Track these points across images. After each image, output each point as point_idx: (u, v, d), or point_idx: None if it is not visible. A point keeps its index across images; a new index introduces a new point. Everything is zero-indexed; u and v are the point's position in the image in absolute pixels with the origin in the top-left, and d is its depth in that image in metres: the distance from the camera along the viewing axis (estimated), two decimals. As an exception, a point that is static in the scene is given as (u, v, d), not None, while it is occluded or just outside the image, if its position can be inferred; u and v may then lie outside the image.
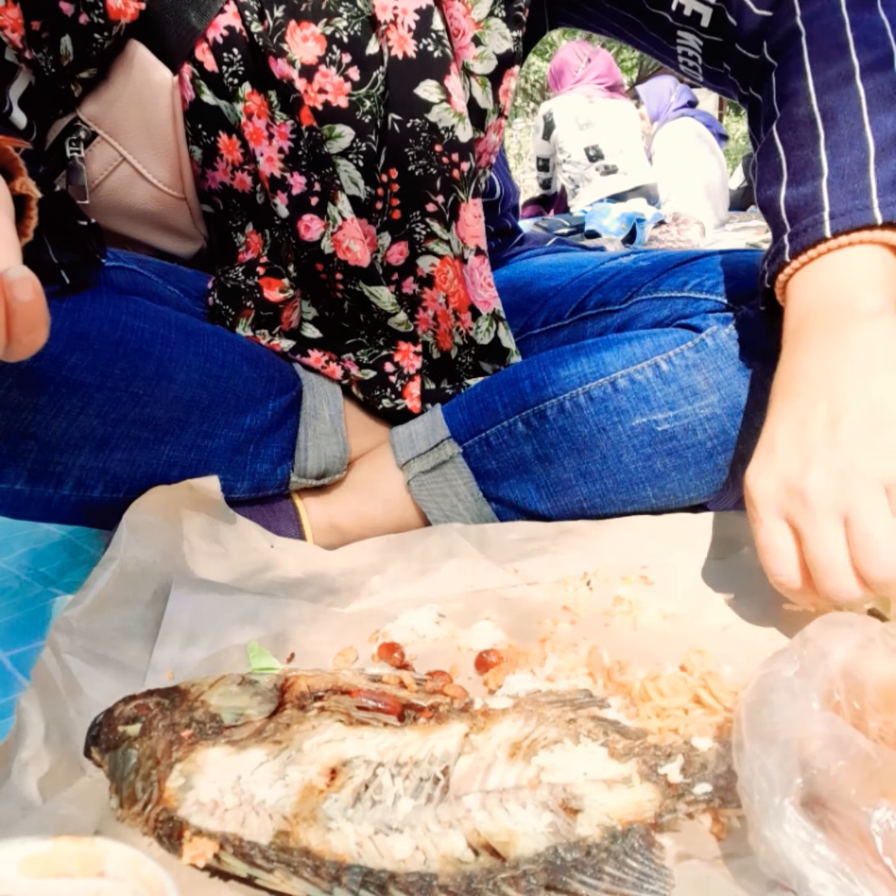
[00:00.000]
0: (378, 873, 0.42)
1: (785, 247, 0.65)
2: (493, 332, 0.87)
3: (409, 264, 0.86)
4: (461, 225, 0.84)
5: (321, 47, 0.76)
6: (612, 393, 0.78)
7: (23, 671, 0.72)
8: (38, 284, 0.40)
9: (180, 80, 0.76)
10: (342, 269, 0.82)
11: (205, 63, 0.75)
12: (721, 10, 0.76)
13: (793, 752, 0.40)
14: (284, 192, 0.79)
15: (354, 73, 0.77)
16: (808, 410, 0.59)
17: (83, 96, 0.76)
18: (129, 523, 0.69)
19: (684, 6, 0.77)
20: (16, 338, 0.41)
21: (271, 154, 0.77)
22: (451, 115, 0.79)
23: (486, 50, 0.81)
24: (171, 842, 0.44)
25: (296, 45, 0.75)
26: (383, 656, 0.62)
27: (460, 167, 0.81)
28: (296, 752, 0.47)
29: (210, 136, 0.78)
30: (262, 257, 0.84)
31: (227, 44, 0.75)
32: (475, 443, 0.82)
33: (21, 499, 0.72)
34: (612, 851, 0.43)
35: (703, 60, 0.82)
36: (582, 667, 0.59)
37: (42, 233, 0.55)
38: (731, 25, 0.76)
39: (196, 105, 0.77)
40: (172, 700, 0.52)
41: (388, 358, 0.88)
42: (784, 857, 0.38)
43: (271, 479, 0.82)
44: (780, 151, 0.68)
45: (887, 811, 0.37)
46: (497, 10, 0.80)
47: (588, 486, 0.80)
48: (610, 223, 3.96)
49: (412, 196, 0.82)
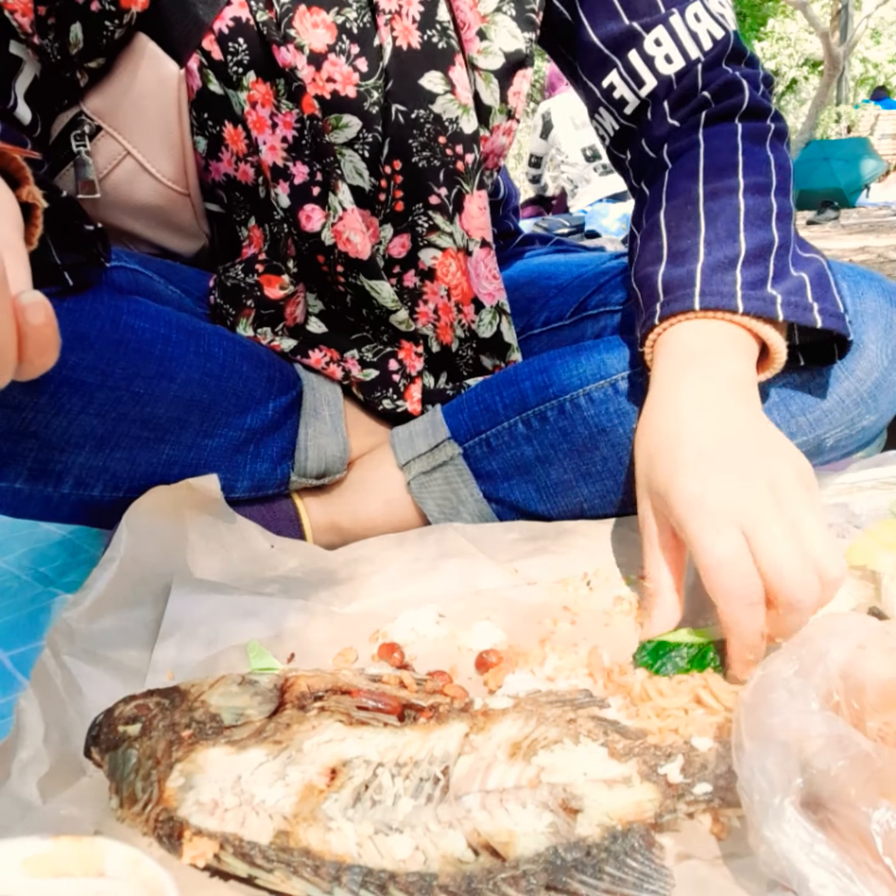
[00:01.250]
0: (378, 873, 0.42)
1: (655, 312, 0.70)
2: (495, 325, 0.87)
3: (410, 257, 0.85)
4: (466, 216, 0.84)
5: (332, 35, 0.76)
6: (612, 394, 0.78)
7: (23, 671, 0.72)
8: (50, 308, 0.41)
9: (187, 70, 0.75)
10: (343, 261, 0.81)
11: (212, 52, 0.75)
12: (645, 105, 0.83)
13: (792, 752, 0.40)
14: (287, 182, 0.79)
15: (363, 63, 0.77)
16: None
17: (87, 90, 0.76)
18: (128, 524, 0.69)
19: (616, 88, 0.83)
20: (27, 360, 0.42)
21: (274, 143, 0.77)
22: (456, 106, 0.79)
23: (492, 45, 0.81)
24: (171, 842, 0.44)
25: (305, 30, 0.75)
26: (383, 656, 0.62)
27: (465, 159, 0.81)
28: (296, 752, 0.47)
29: (216, 126, 0.78)
30: (261, 253, 0.84)
31: (233, 34, 0.74)
32: (475, 444, 0.82)
33: (21, 497, 0.72)
34: (612, 851, 0.43)
35: (610, 142, 0.89)
36: (582, 667, 0.59)
37: (46, 235, 0.55)
38: (646, 121, 0.83)
39: (203, 94, 0.77)
40: (172, 700, 0.52)
41: (393, 354, 0.87)
42: (784, 857, 0.38)
43: (271, 479, 0.82)
44: (664, 237, 0.75)
45: (887, 811, 0.37)
46: (505, 7, 0.81)
47: (588, 487, 0.80)
48: (610, 223, 3.96)
49: (416, 188, 0.82)
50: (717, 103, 0.80)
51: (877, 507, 0.80)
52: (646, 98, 0.82)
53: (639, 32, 0.80)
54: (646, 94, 0.81)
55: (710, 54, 0.80)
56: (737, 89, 0.80)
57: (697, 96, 0.80)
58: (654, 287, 0.72)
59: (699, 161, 0.77)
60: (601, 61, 0.82)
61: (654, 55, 0.80)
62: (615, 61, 0.81)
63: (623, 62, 0.81)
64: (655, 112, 0.81)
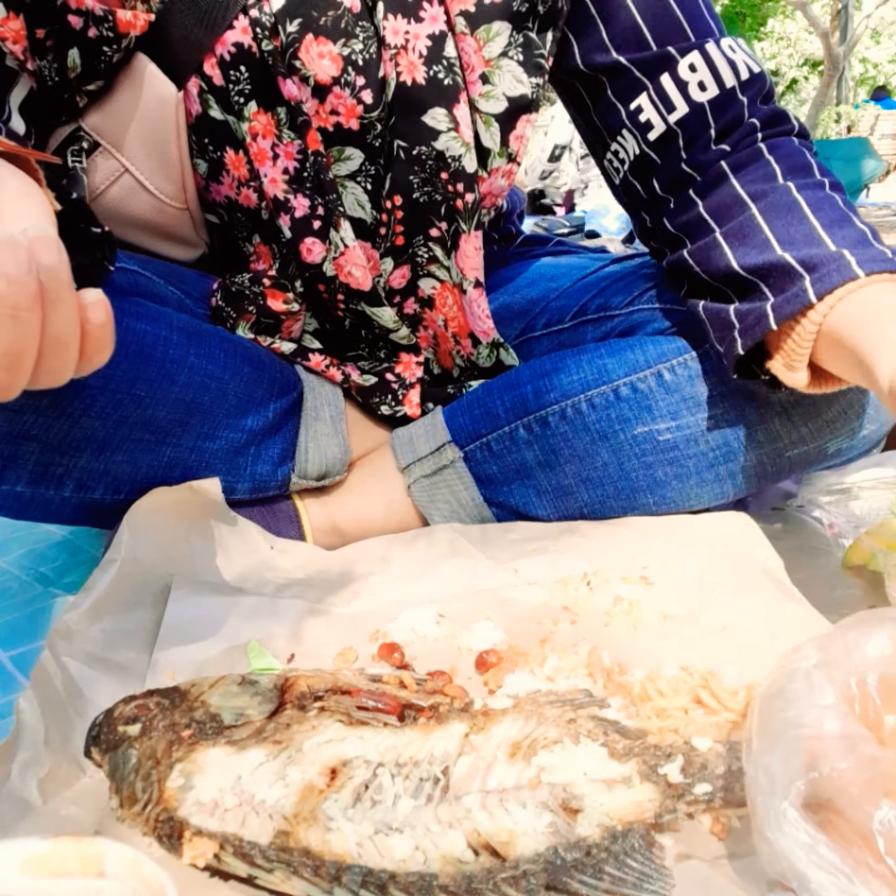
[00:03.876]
0: (378, 873, 0.42)
1: (806, 290, 0.65)
2: (494, 357, 0.87)
3: (410, 286, 0.85)
4: (461, 255, 0.82)
5: (337, 68, 0.74)
6: (614, 401, 0.78)
7: (23, 671, 0.72)
8: (110, 307, 0.42)
9: (186, 94, 0.75)
10: (344, 290, 0.82)
11: (213, 78, 0.74)
12: (675, 134, 0.77)
13: (799, 751, 0.40)
14: (287, 215, 0.78)
15: (367, 95, 0.75)
16: None
17: (87, 107, 0.76)
18: (129, 525, 0.69)
19: (643, 110, 0.78)
20: (87, 357, 0.43)
21: (275, 175, 0.77)
22: (459, 144, 0.77)
23: (495, 90, 0.78)
24: (171, 842, 0.44)
25: (311, 60, 0.73)
26: (383, 656, 0.62)
27: (464, 198, 0.80)
28: (296, 753, 0.47)
29: (216, 151, 0.78)
30: (270, 270, 0.84)
31: (235, 61, 0.73)
32: (476, 447, 0.82)
33: (22, 500, 0.72)
34: (612, 851, 0.43)
35: (628, 168, 0.82)
36: (582, 667, 0.59)
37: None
38: (679, 151, 0.78)
39: (203, 119, 0.76)
40: (172, 700, 0.52)
41: (389, 369, 0.88)
42: (785, 858, 0.38)
43: (272, 480, 0.82)
44: (764, 228, 0.70)
45: (890, 811, 0.37)
46: (512, 53, 0.77)
47: (589, 493, 0.80)
48: (609, 223, 3.96)
49: (416, 222, 0.81)
50: (766, 130, 0.77)
51: (877, 507, 0.81)
52: (674, 126, 0.77)
53: (673, 56, 0.76)
54: (674, 121, 0.77)
55: (751, 89, 0.77)
56: (785, 119, 0.78)
57: (744, 124, 0.76)
58: (787, 269, 0.67)
59: (773, 165, 0.74)
60: (632, 83, 0.78)
61: (687, 80, 0.77)
62: (646, 84, 0.77)
63: (654, 85, 0.77)
64: (695, 141, 0.77)
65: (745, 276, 0.71)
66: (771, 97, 0.79)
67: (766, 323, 0.67)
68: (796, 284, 0.66)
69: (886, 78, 16.70)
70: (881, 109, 9.82)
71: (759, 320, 0.68)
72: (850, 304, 0.64)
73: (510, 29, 0.76)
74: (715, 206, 0.76)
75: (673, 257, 0.79)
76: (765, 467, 0.80)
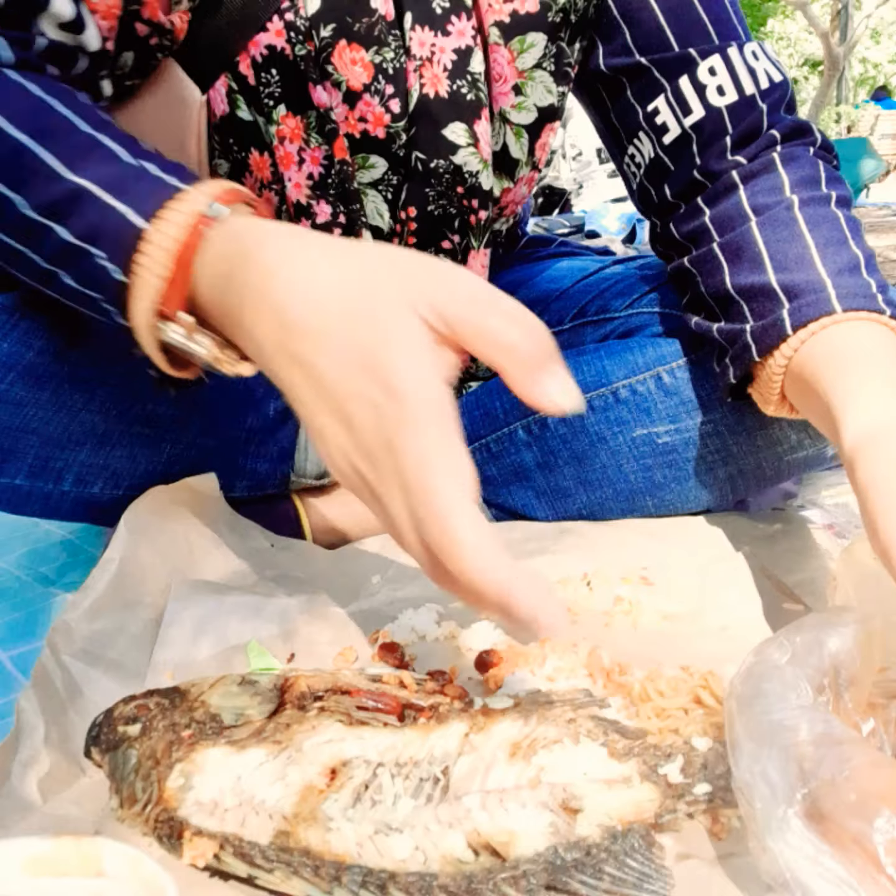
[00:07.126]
0: (378, 873, 0.42)
1: (783, 319, 0.65)
2: (492, 371, 0.87)
3: None
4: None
5: (368, 75, 0.73)
6: (613, 403, 0.78)
7: (23, 671, 0.72)
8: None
9: (212, 94, 0.74)
10: None
11: (248, 77, 0.73)
12: (689, 138, 0.77)
13: (792, 757, 0.40)
14: (309, 220, 0.77)
15: (395, 104, 0.74)
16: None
17: (109, 104, 0.75)
18: (128, 524, 0.69)
19: (659, 112, 0.77)
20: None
21: (299, 180, 0.76)
22: (477, 160, 0.77)
23: (527, 101, 0.78)
24: (171, 842, 0.44)
25: (343, 65, 0.72)
26: (383, 656, 0.62)
27: (478, 214, 0.79)
28: (296, 753, 0.47)
29: (241, 152, 0.77)
30: None
31: (266, 64, 0.72)
32: (475, 449, 0.82)
33: (20, 494, 0.72)
34: (612, 851, 0.43)
35: (643, 172, 0.82)
36: (582, 667, 0.59)
37: None
38: (692, 157, 0.77)
39: (229, 119, 0.75)
40: (172, 700, 0.52)
41: None
42: (788, 868, 0.37)
43: (271, 479, 0.82)
44: (760, 245, 0.70)
45: (889, 819, 0.37)
46: (546, 63, 0.77)
47: (587, 495, 0.80)
48: (609, 223, 3.96)
49: (429, 234, 0.80)
50: (786, 143, 0.76)
51: (877, 508, 0.80)
52: (689, 129, 0.76)
53: (693, 58, 0.75)
54: (690, 125, 0.76)
55: (771, 97, 0.76)
56: (808, 132, 0.77)
57: (763, 135, 0.76)
58: (770, 294, 0.68)
59: (783, 176, 0.74)
60: (651, 84, 0.77)
61: (706, 84, 0.75)
62: (665, 85, 0.76)
63: (672, 87, 0.76)
64: (709, 147, 0.76)
65: (732, 294, 0.71)
66: (793, 107, 0.78)
67: (749, 354, 0.67)
68: (776, 312, 0.66)
69: (886, 78, 16.71)
70: (881, 109, 9.83)
71: (744, 350, 0.68)
72: (822, 340, 0.64)
73: (545, 40, 0.76)
74: (719, 216, 0.75)
75: (676, 264, 0.79)
76: (764, 471, 0.80)
